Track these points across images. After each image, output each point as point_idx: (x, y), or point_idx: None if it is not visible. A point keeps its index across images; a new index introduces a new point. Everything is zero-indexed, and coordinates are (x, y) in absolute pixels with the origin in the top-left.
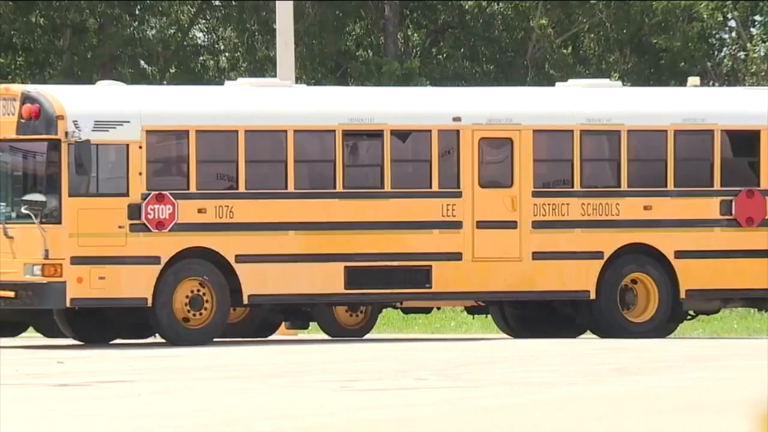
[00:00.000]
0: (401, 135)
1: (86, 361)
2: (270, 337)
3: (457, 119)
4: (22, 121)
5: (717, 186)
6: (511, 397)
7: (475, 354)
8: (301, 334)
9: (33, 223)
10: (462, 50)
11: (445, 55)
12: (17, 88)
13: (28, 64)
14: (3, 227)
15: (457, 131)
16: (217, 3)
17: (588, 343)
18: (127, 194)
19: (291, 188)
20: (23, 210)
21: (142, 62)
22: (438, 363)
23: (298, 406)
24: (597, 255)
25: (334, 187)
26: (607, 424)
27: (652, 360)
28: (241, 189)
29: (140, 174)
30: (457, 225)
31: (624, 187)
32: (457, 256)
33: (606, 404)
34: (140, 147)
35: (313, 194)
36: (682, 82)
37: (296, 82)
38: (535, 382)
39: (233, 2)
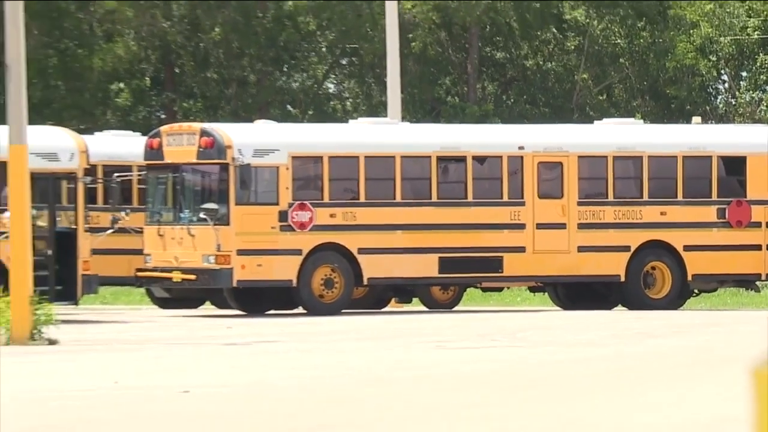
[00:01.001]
0: (480, 159)
1: (248, 326)
2: (383, 309)
3: (521, 148)
4: (201, 150)
5: (714, 197)
6: (563, 354)
7: (535, 322)
8: (406, 307)
9: (209, 225)
10: (524, 97)
11: (512, 101)
12: (197, 126)
13: (204, 108)
14: (187, 228)
15: (521, 157)
16: (343, 62)
17: (619, 313)
18: (277, 203)
19: (398, 199)
20: (201, 215)
21: (288, 106)
22: (508, 329)
23: (405, 360)
24: (626, 248)
25: (430, 198)
26: (634, 373)
27: (667, 326)
28: (362, 199)
29: (287, 188)
30: (521, 226)
31: (645, 198)
32: (522, 249)
33: (632, 359)
34: (287, 168)
35: (415, 203)
36: (688, 121)
37: (401, 121)
38: (580, 343)
39: (356, 62)
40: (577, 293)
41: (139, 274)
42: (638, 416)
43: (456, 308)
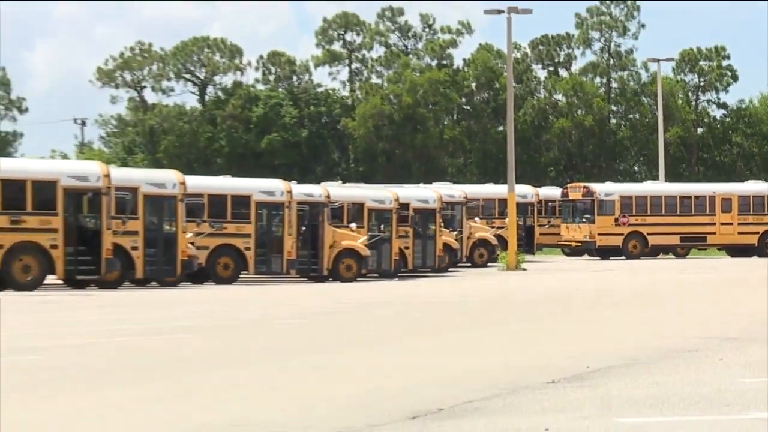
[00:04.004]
0: (696, 197)
1: (602, 263)
2: (656, 257)
3: (714, 192)
4: (583, 194)
5: None
6: (732, 275)
7: (720, 262)
8: (667, 257)
9: (586, 223)
10: (717, 174)
11: (710, 174)
12: (581, 184)
13: (585, 179)
14: (578, 225)
15: (714, 196)
16: (641, 158)
17: (755, 259)
18: (614, 214)
19: (663, 212)
20: (583, 220)
21: (618, 177)
22: (709, 265)
23: (663, 277)
24: (756, 233)
25: (677, 213)
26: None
27: None
28: (648, 213)
29: (618, 208)
30: (714, 224)
31: (765, 212)
32: (714, 233)
33: (764, 279)
34: (618, 201)
35: (671, 214)
36: None
37: (666, 182)
38: (739, 271)
39: (645, 160)
40: (737, 251)
41: (559, 242)
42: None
43: (687, 257)
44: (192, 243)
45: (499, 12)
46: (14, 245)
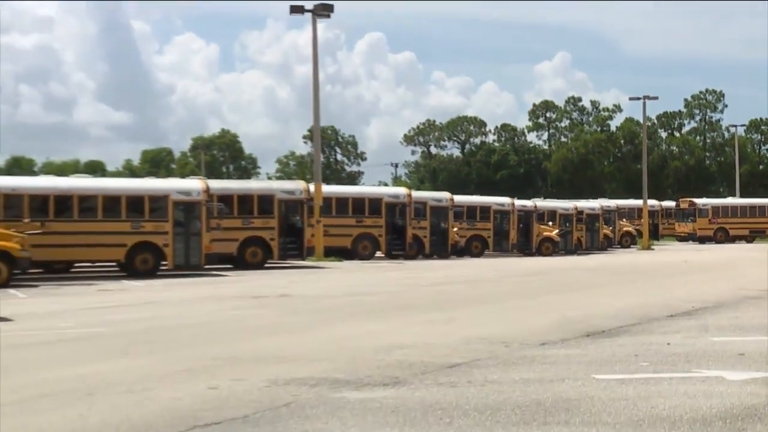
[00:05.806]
0: (759, 206)
1: (696, 245)
2: (732, 244)
3: (766, 204)
4: (687, 204)
5: None
6: None
7: None
8: (741, 243)
9: (689, 223)
10: None
11: None
12: (688, 198)
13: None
14: (684, 223)
15: None
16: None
17: None
18: (708, 217)
19: (739, 217)
20: (688, 222)
21: (703, 197)
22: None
23: (737, 254)
24: None
25: (747, 216)
26: None
27: None
28: (729, 216)
29: (710, 213)
30: None
31: None
32: None
33: None
34: (709, 208)
35: (741, 215)
36: None
37: (741, 198)
38: None
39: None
40: None
41: (674, 233)
42: None
43: (753, 243)
44: (456, 233)
45: (638, 98)
46: (358, 235)
